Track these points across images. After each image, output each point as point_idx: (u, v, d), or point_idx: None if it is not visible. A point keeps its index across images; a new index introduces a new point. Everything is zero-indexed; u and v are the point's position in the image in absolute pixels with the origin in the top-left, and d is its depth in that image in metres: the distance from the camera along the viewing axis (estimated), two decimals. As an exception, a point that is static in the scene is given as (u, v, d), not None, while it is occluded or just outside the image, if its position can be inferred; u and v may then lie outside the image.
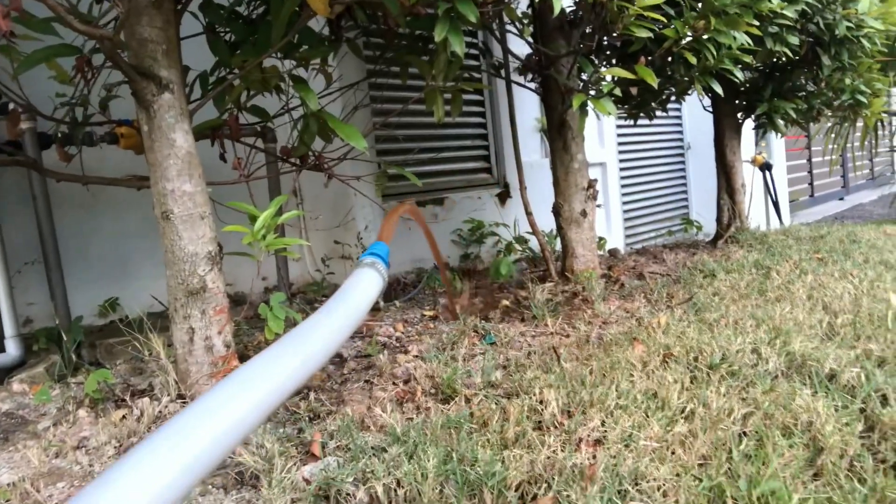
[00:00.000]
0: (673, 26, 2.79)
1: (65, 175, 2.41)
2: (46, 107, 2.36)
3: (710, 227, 5.43)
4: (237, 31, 2.34)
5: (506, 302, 3.03)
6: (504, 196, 4.76)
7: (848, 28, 3.85)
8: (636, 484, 1.39)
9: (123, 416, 1.92)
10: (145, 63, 1.93)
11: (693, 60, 2.91)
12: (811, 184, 10.59)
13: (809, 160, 10.41)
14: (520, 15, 3.29)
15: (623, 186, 6.17)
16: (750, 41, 3.06)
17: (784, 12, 3.31)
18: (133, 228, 3.17)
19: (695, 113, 6.56)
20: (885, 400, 1.74)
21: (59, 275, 2.68)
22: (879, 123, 6.24)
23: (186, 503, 1.46)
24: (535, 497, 1.39)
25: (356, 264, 1.62)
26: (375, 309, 1.52)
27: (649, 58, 3.09)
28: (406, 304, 3.33)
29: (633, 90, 3.00)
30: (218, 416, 0.98)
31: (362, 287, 1.47)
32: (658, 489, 1.36)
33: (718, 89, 3.24)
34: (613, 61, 3.75)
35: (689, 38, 2.92)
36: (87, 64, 2.17)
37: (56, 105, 2.36)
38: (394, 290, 3.82)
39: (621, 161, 6.12)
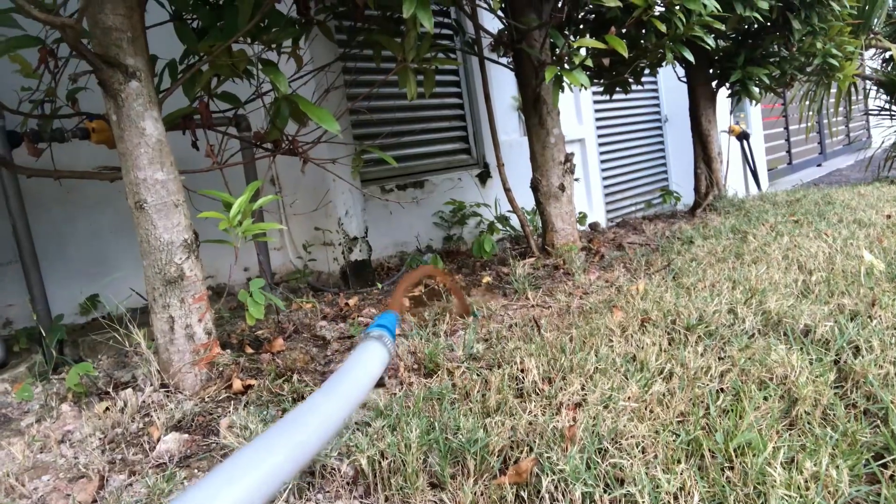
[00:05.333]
0: (641, -6, 2.79)
1: (35, 171, 2.38)
2: (12, 101, 2.32)
3: (689, 198, 5.48)
4: (204, 17, 2.32)
5: (488, 278, 3.04)
6: (484, 176, 4.77)
7: (816, -9, 3.88)
8: (616, 442, 1.41)
9: (107, 408, 1.92)
10: (111, 51, 1.91)
11: (663, 28, 2.92)
12: (789, 151, 10.68)
13: (786, 128, 10.50)
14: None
15: (602, 161, 6.20)
16: (719, 7, 3.07)
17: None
18: (109, 223, 3.15)
19: (671, 86, 6.59)
20: (857, 351, 1.78)
21: (36, 274, 2.65)
22: (853, 87, 6.30)
23: (174, 486, 1.46)
24: (517, 461, 1.42)
25: (363, 336, 1.49)
26: (380, 385, 1.44)
27: (622, 30, 3.10)
28: (390, 288, 3.34)
29: (606, 61, 3.01)
30: None
31: (366, 364, 1.37)
32: (637, 446, 1.38)
33: (690, 57, 3.26)
34: (587, 35, 3.75)
35: (658, 7, 2.93)
36: (50, 55, 2.15)
37: (21, 99, 2.33)
38: (378, 274, 3.83)
39: (600, 137, 6.14)
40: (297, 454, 1.09)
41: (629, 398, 1.60)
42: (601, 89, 4.35)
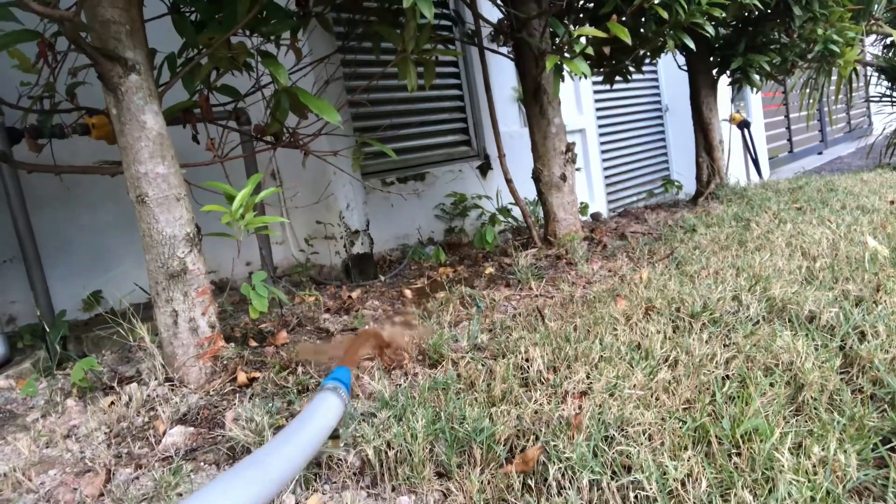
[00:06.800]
0: (642, -18, 2.77)
1: (36, 166, 2.38)
2: (12, 97, 2.31)
3: (690, 187, 5.46)
4: (202, 10, 2.30)
5: (490, 269, 3.04)
6: (485, 168, 4.76)
7: (817, -23, 3.85)
8: (622, 430, 1.41)
9: (112, 403, 1.92)
10: (109, 44, 1.90)
11: (665, 16, 2.90)
12: (790, 139, 10.65)
13: (787, 116, 10.46)
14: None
15: (603, 152, 6.18)
16: (720, -6, 3.05)
17: (752, -37, 3.31)
18: (110, 219, 3.14)
19: (671, 75, 6.56)
20: (862, 336, 1.77)
21: (38, 270, 2.65)
22: (853, 74, 6.27)
23: (180, 478, 1.46)
24: (523, 449, 1.41)
25: (319, 388, 1.52)
26: (334, 437, 1.48)
27: (621, 18, 3.08)
28: (393, 280, 3.34)
29: (606, 50, 3.00)
30: None
31: (322, 414, 1.44)
32: (643, 433, 1.38)
33: (691, 45, 3.24)
34: (587, 24, 3.73)
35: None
36: (49, 49, 2.14)
37: (21, 94, 2.32)
38: (380, 267, 3.82)
39: (600, 127, 6.12)
40: (256, 494, 1.14)
41: (635, 386, 1.59)
42: (601, 78, 4.33)
